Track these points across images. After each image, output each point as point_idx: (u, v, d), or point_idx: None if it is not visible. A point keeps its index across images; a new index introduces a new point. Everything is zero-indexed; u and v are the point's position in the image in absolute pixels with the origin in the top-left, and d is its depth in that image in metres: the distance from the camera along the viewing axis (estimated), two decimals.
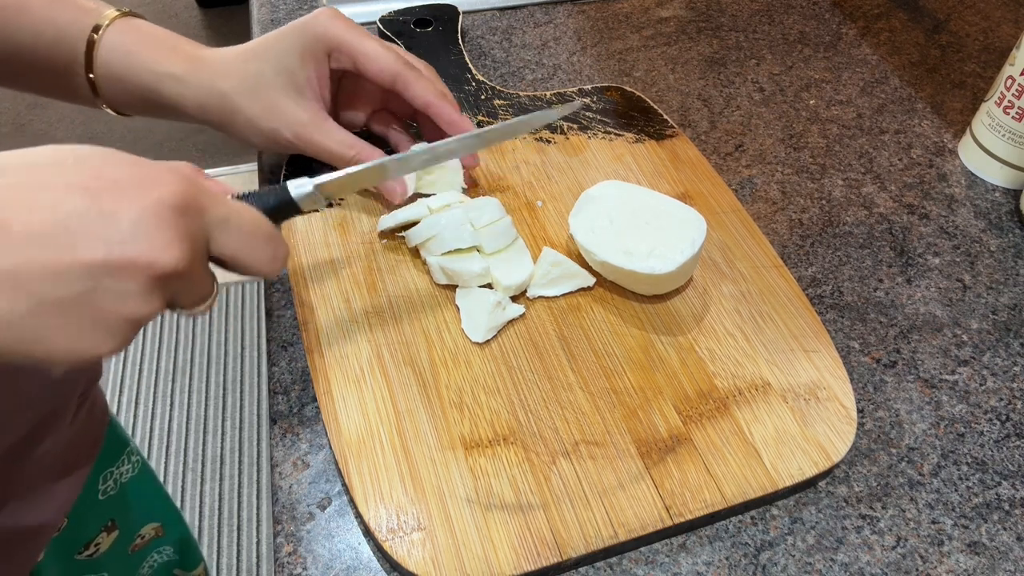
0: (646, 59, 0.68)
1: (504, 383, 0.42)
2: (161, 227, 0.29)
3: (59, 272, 0.27)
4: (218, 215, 0.32)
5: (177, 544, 0.69)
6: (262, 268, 0.34)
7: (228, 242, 0.33)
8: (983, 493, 0.41)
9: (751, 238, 0.50)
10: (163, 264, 0.29)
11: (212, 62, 0.48)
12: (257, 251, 0.34)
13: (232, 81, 0.47)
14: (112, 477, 0.58)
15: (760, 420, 0.41)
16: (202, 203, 0.31)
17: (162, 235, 0.29)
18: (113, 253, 0.28)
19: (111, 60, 0.46)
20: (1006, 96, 0.55)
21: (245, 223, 0.33)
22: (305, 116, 0.48)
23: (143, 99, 0.48)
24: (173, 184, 0.30)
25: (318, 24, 0.48)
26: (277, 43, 0.48)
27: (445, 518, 0.37)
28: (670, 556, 0.38)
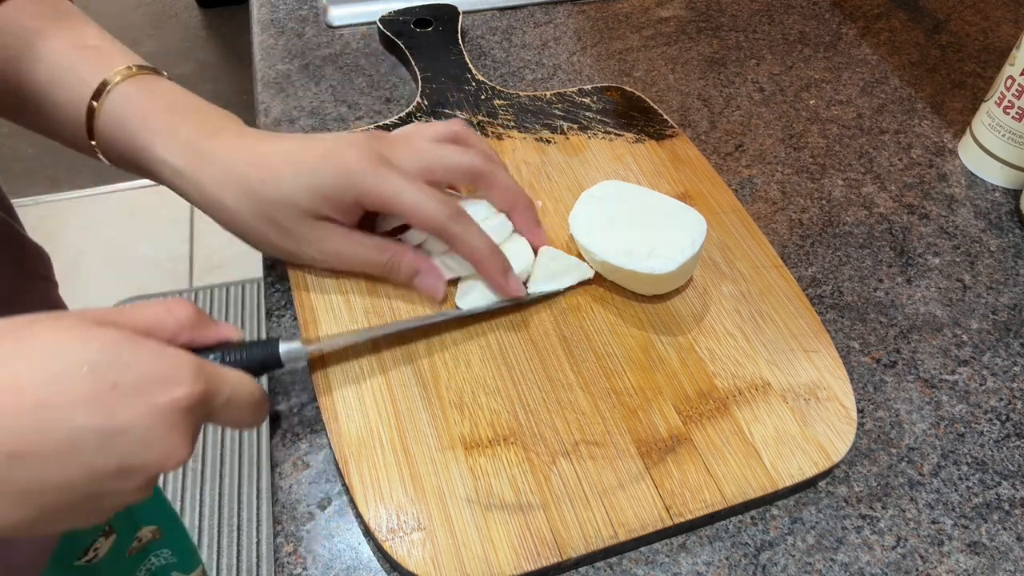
0: (646, 59, 0.68)
1: (504, 383, 0.42)
2: (172, 431, 0.31)
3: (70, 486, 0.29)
4: (221, 400, 0.33)
5: (175, 547, 0.69)
6: (246, 428, 0.37)
7: (225, 418, 0.35)
8: (983, 493, 0.41)
9: (751, 238, 0.50)
10: (170, 464, 0.31)
11: (215, 162, 0.42)
12: (247, 419, 0.36)
13: (237, 198, 0.42)
14: None
15: (760, 420, 0.41)
16: (210, 393, 0.32)
17: (172, 438, 0.31)
18: (125, 462, 0.30)
19: (110, 131, 0.43)
20: (1006, 96, 0.55)
21: (243, 398, 0.35)
22: (329, 234, 0.43)
23: (143, 172, 0.45)
24: (186, 383, 0.31)
25: (353, 180, 0.41)
26: (304, 177, 0.41)
27: (445, 518, 0.37)
28: (670, 556, 0.38)
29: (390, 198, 0.42)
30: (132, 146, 0.43)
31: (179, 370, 0.31)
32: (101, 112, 0.42)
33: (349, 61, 0.66)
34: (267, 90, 0.63)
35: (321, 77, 0.64)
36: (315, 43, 0.68)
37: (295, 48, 0.67)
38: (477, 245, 0.43)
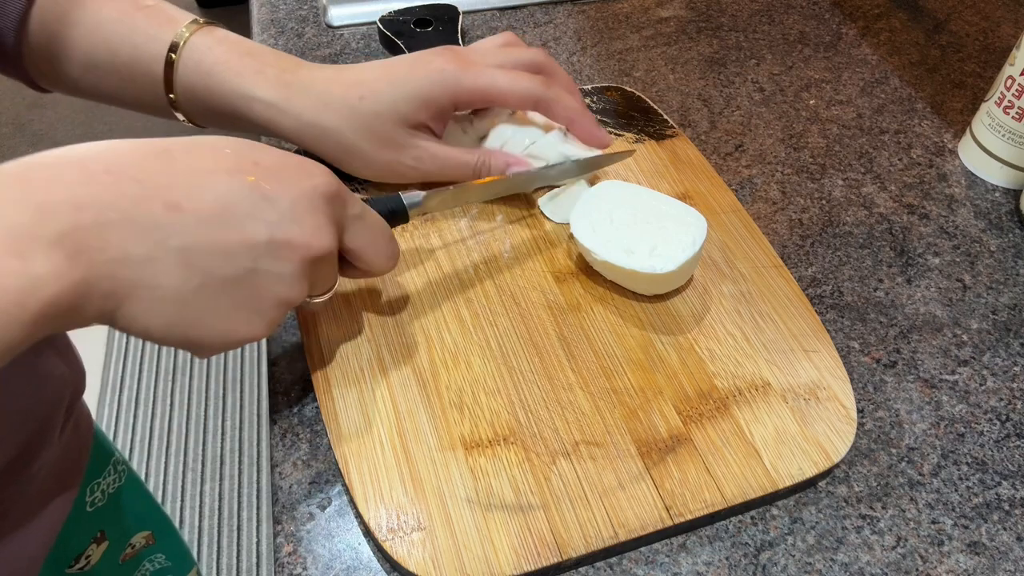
0: (646, 59, 0.68)
1: (504, 383, 0.42)
2: (314, 212, 0.32)
3: (227, 251, 0.29)
4: (355, 210, 0.35)
5: (169, 551, 0.69)
6: (382, 264, 0.38)
7: (359, 236, 0.36)
8: (983, 493, 0.41)
9: (751, 238, 0.50)
10: (316, 246, 0.32)
11: (309, 90, 0.45)
12: (380, 247, 0.37)
13: (338, 118, 0.45)
14: (99, 488, 0.58)
15: (760, 420, 0.41)
16: (344, 196, 0.34)
17: (315, 219, 0.32)
18: (275, 234, 0.30)
19: (192, 82, 0.45)
20: (1006, 96, 0.55)
21: (375, 221, 0.37)
22: (422, 143, 0.47)
23: (230, 120, 0.47)
24: (323, 175, 0.33)
25: (449, 80, 0.45)
26: (400, 85, 0.45)
27: (445, 518, 0.37)
28: (670, 556, 0.38)
29: (486, 86, 0.46)
30: (219, 92, 0.44)
31: (315, 167, 0.33)
32: (180, 64, 0.44)
33: (349, 61, 0.66)
34: None
35: None
36: (315, 43, 0.68)
37: (295, 48, 0.67)
38: (572, 105, 0.48)
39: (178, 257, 0.28)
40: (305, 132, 0.46)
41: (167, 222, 0.28)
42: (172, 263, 0.28)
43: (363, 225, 0.36)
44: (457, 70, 0.46)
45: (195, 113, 0.47)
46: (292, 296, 0.32)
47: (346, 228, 0.35)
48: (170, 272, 0.28)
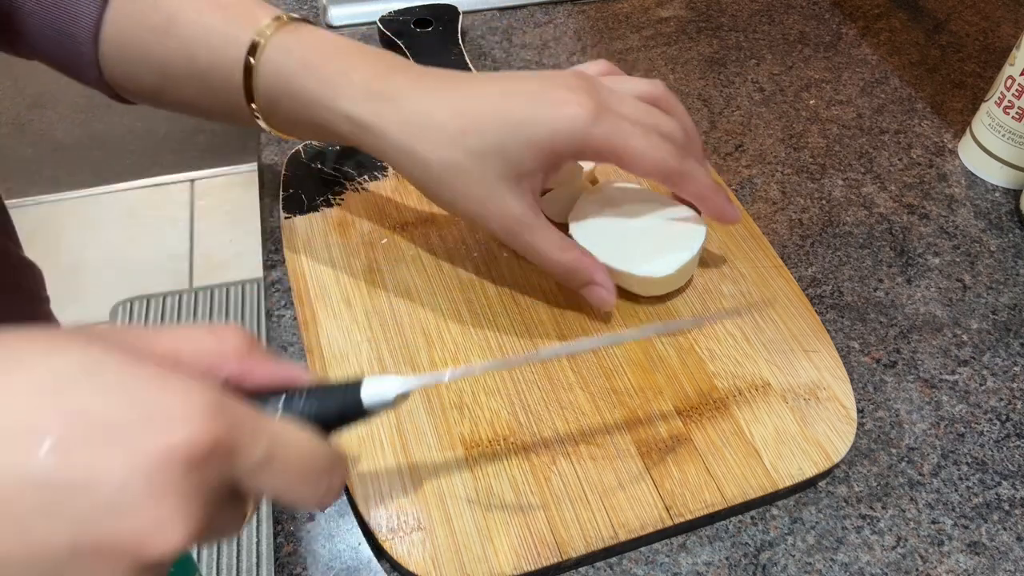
0: (646, 59, 0.68)
1: (504, 383, 0.42)
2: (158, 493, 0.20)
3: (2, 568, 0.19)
4: (256, 456, 0.23)
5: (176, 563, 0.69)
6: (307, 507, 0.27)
7: (268, 484, 0.24)
8: (983, 493, 0.41)
9: (751, 238, 0.50)
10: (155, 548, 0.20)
11: (403, 106, 0.38)
12: (304, 492, 0.25)
13: (436, 149, 0.38)
14: None
15: (760, 420, 0.41)
16: (232, 444, 0.22)
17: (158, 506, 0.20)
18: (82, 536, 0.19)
19: (274, 90, 0.39)
20: (1006, 96, 0.55)
21: (293, 460, 0.24)
22: (519, 210, 0.40)
23: (318, 134, 0.42)
24: (189, 424, 0.21)
25: (575, 129, 0.38)
26: (513, 128, 0.38)
27: (445, 518, 0.37)
28: (670, 556, 0.38)
29: (620, 146, 0.39)
30: (300, 101, 0.39)
31: (186, 404, 0.21)
32: (259, 70, 0.39)
33: None
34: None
35: None
36: None
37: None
38: (703, 182, 0.42)
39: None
40: (393, 154, 0.39)
41: None
42: None
43: (270, 474, 0.23)
44: (591, 117, 0.38)
45: (281, 124, 0.42)
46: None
47: (240, 480, 0.23)
48: None
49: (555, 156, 0.39)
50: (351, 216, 0.50)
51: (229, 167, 2.00)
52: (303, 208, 0.51)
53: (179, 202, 1.93)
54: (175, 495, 0.20)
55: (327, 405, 0.27)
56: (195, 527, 0.21)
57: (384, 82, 0.39)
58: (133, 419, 0.20)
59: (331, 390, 0.28)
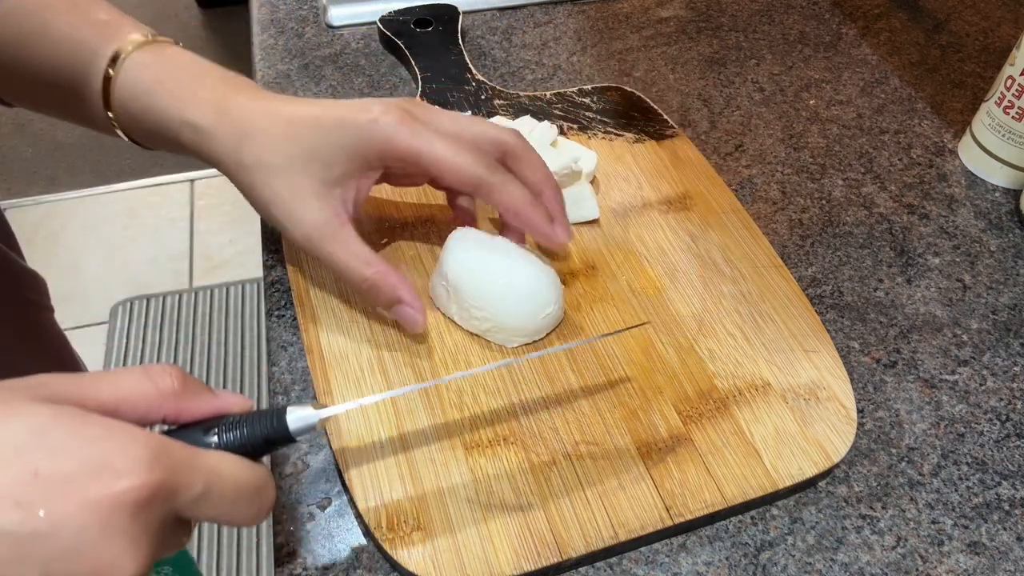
0: (646, 59, 0.68)
1: (504, 383, 0.42)
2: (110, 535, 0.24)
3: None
4: (193, 493, 0.26)
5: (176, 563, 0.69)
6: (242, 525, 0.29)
7: (204, 513, 0.27)
8: (983, 493, 0.41)
9: (751, 238, 0.50)
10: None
11: (240, 119, 0.41)
12: (238, 515, 0.28)
13: (257, 152, 0.40)
14: None
15: (760, 420, 0.41)
16: (172, 486, 0.25)
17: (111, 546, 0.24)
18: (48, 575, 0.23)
19: (129, 100, 0.42)
20: (1006, 96, 0.55)
21: (227, 490, 0.28)
22: (321, 217, 0.41)
23: (163, 141, 0.43)
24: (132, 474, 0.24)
25: (380, 131, 0.40)
26: (325, 131, 0.40)
27: (445, 518, 0.37)
28: (670, 556, 0.38)
29: (421, 151, 0.40)
30: (151, 112, 0.41)
31: (128, 455, 0.24)
32: (117, 81, 0.41)
33: (349, 61, 0.66)
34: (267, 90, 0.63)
35: (321, 77, 0.64)
36: (315, 43, 0.68)
37: (295, 48, 0.67)
38: (517, 195, 0.42)
39: None
40: (224, 162, 0.41)
41: None
42: None
43: (208, 504, 0.27)
44: (394, 123, 0.40)
45: (135, 133, 0.44)
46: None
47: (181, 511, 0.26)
48: None
49: (363, 161, 0.41)
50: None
51: None
52: None
53: (179, 202, 1.93)
54: (125, 535, 0.24)
55: (256, 432, 0.30)
56: (145, 559, 0.24)
57: (226, 99, 0.41)
58: (83, 474, 0.24)
59: (260, 418, 0.31)
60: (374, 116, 0.40)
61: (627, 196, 0.53)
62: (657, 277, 0.48)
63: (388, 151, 0.40)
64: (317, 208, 0.41)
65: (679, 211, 0.52)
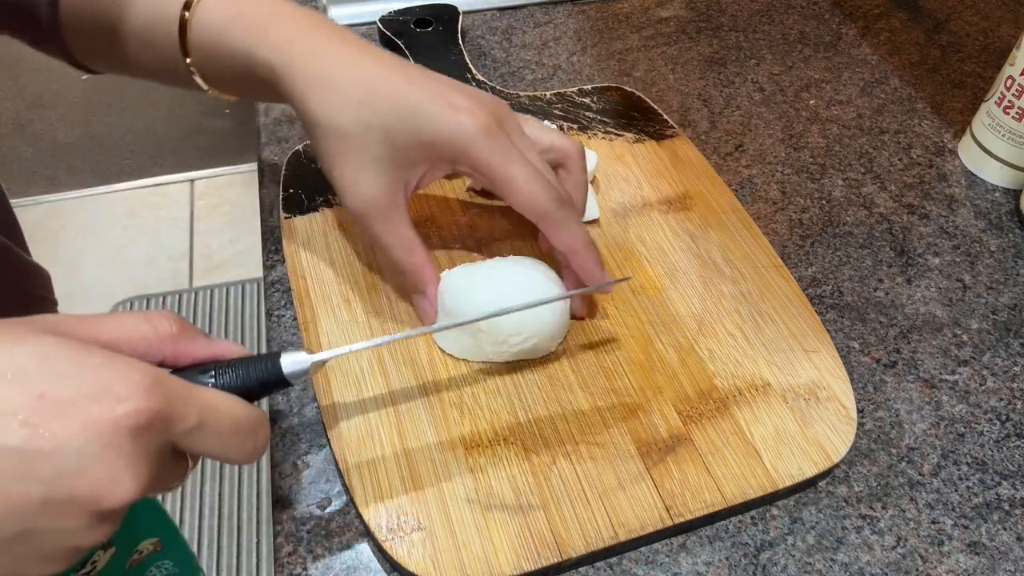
0: (646, 59, 0.68)
1: (504, 383, 0.42)
2: (110, 456, 0.25)
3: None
4: (189, 423, 0.27)
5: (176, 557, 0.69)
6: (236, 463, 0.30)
7: (200, 446, 0.28)
8: (983, 493, 0.41)
9: (751, 238, 0.50)
10: (111, 499, 0.25)
11: (318, 68, 0.39)
12: (232, 451, 0.29)
13: (329, 110, 0.39)
14: None
15: (760, 420, 0.41)
16: (168, 414, 0.26)
17: (111, 466, 0.25)
18: (52, 492, 0.24)
19: (205, 42, 0.41)
20: (1006, 96, 0.55)
21: (223, 424, 0.28)
22: (379, 195, 0.40)
23: (240, 83, 0.43)
24: (131, 399, 0.25)
25: (463, 136, 0.38)
26: (408, 114, 0.39)
27: (445, 518, 0.37)
28: (670, 556, 0.38)
29: (499, 170, 0.39)
30: (228, 51, 0.41)
31: (128, 382, 0.26)
32: (192, 23, 0.41)
33: None
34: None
35: None
36: None
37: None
38: (578, 235, 0.41)
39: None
40: (297, 105, 0.40)
41: None
42: None
43: (203, 436, 0.28)
44: (479, 134, 0.38)
45: (214, 78, 0.43)
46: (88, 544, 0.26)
47: (178, 442, 0.28)
48: None
49: (435, 156, 0.40)
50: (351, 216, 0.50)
51: (229, 167, 2.00)
52: (303, 208, 0.51)
53: (179, 202, 1.93)
54: (124, 457, 0.25)
55: (251, 375, 0.31)
56: (142, 482, 0.26)
57: (304, 39, 0.40)
58: (85, 397, 0.25)
59: (255, 361, 0.32)
60: (460, 119, 0.38)
61: (627, 196, 0.53)
62: (657, 277, 0.48)
63: (464, 158, 0.39)
64: (377, 184, 0.40)
65: (679, 211, 0.52)
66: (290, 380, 0.33)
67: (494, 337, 0.41)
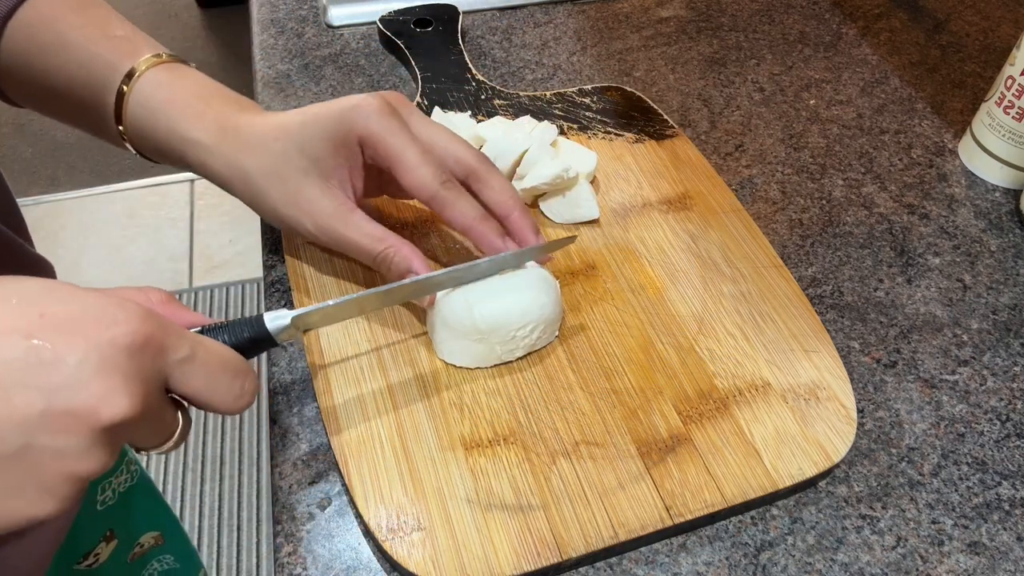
0: (646, 59, 0.68)
1: (504, 383, 0.42)
2: (107, 371, 0.26)
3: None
4: (180, 354, 0.29)
5: (177, 552, 0.69)
6: (227, 406, 0.32)
7: (190, 381, 0.30)
8: (983, 493, 0.41)
9: (751, 238, 0.50)
10: (108, 413, 0.26)
11: (241, 133, 0.43)
12: (221, 389, 0.31)
13: (256, 159, 0.42)
14: (111, 487, 0.58)
15: (760, 420, 0.41)
16: (161, 342, 0.28)
17: (108, 380, 0.26)
18: (52, 403, 0.25)
19: (139, 116, 0.43)
20: (1006, 96, 0.55)
21: (212, 360, 0.31)
22: (329, 206, 0.42)
23: (170, 157, 0.45)
24: (127, 322, 0.27)
25: (358, 116, 0.41)
26: (309, 125, 0.42)
27: (445, 518, 0.37)
28: (670, 556, 0.38)
29: (391, 148, 0.41)
30: (160, 130, 0.43)
31: (124, 310, 0.27)
32: (130, 97, 0.43)
33: (349, 61, 0.66)
34: (267, 90, 0.63)
35: (321, 77, 0.64)
36: (315, 43, 0.68)
37: (295, 48, 0.67)
38: (467, 211, 0.42)
39: None
40: (230, 176, 0.43)
41: None
42: None
43: (193, 369, 0.30)
44: (372, 112, 0.41)
45: (143, 147, 0.46)
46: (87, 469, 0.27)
47: (169, 375, 0.29)
48: None
49: (346, 148, 0.42)
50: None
51: None
52: None
53: (179, 202, 1.93)
54: (119, 373, 0.27)
55: (238, 333, 0.34)
56: (136, 403, 0.27)
57: (231, 119, 0.43)
58: (85, 318, 0.27)
59: (240, 322, 0.35)
60: (354, 103, 0.42)
61: (627, 196, 0.53)
62: (657, 277, 0.48)
63: (366, 137, 0.42)
64: (321, 199, 0.42)
65: (679, 211, 0.52)
66: (275, 337, 0.35)
67: (503, 336, 0.42)
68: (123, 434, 0.28)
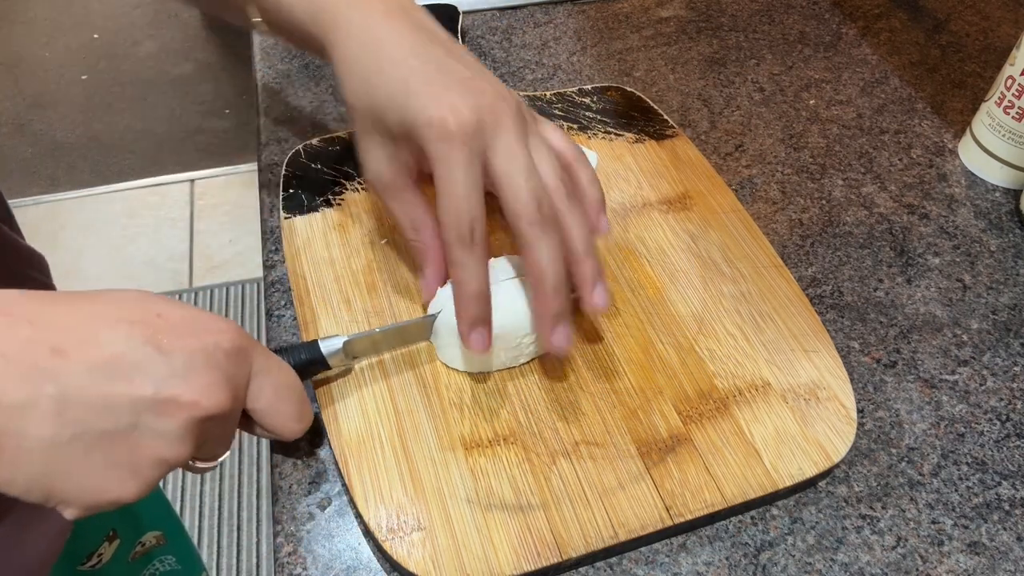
0: (646, 59, 0.68)
1: (504, 383, 0.42)
2: (209, 369, 0.30)
3: (108, 403, 0.28)
4: (262, 364, 0.33)
5: (179, 553, 0.69)
6: (287, 425, 0.35)
7: (260, 395, 0.34)
8: (983, 493, 0.41)
9: (751, 238, 0.50)
10: (205, 406, 0.30)
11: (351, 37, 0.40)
12: (284, 408, 0.35)
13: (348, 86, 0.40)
14: None
15: (760, 420, 0.41)
16: (249, 352, 0.33)
17: (208, 377, 0.30)
18: (162, 389, 0.29)
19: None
20: (1006, 96, 0.55)
21: (283, 376, 0.35)
22: (386, 173, 0.41)
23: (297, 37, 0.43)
24: (229, 331, 0.32)
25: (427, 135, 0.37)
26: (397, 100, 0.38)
27: (445, 518, 0.37)
28: (670, 556, 0.38)
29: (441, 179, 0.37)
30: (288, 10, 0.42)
31: (222, 321, 0.32)
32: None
33: None
34: (267, 90, 0.63)
35: (321, 77, 0.64)
36: None
37: (295, 48, 0.67)
38: (465, 280, 0.38)
39: (54, 405, 0.26)
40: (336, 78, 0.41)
41: (49, 367, 0.27)
42: (47, 411, 0.26)
43: (266, 382, 0.34)
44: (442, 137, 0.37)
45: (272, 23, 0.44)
46: (173, 456, 0.30)
47: (249, 385, 0.33)
48: (44, 421, 0.26)
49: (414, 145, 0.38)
50: (351, 216, 0.50)
51: (229, 167, 2.00)
52: (303, 208, 0.51)
53: (179, 202, 1.93)
54: (220, 372, 0.30)
55: (298, 357, 0.39)
56: (228, 401, 0.31)
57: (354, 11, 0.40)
58: (196, 323, 0.31)
59: (298, 346, 0.39)
60: (431, 116, 0.37)
61: (627, 196, 0.53)
62: (657, 277, 0.48)
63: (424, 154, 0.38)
64: (381, 161, 0.41)
65: (679, 211, 0.52)
66: (327, 360, 0.39)
67: (508, 344, 0.42)
68: (207, 431, 0.31)
